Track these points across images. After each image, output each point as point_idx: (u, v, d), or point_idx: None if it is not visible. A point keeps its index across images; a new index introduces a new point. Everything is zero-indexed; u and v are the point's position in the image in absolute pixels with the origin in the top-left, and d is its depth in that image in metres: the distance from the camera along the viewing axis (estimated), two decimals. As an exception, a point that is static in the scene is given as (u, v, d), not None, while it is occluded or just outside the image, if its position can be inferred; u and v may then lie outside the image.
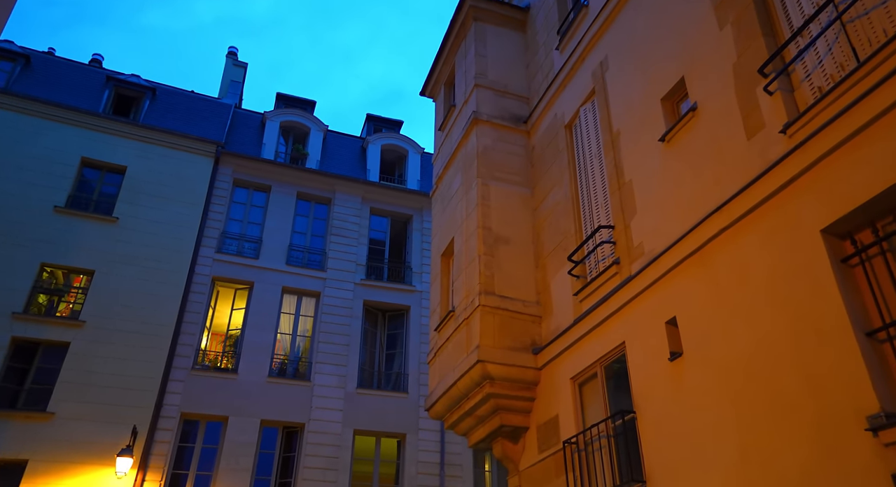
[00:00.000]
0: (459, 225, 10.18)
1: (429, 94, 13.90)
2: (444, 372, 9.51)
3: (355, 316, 19.58)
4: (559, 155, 9.40)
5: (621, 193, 7.46)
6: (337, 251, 20.64)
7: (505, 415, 8.56)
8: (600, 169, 8.20)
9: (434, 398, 9.63)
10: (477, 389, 8.58)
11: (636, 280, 6.72)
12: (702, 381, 5.58)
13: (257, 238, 20.15)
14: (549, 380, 8.28)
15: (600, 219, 7.95)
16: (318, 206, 21.90)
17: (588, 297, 7.72)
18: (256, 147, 22.39)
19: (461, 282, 9.56)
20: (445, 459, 18.32)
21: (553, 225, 9.14)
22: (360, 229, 21.52)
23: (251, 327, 18.44)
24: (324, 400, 17.80)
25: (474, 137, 10.39)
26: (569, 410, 7.64)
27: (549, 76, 10.33)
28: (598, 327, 7.35)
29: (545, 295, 8.95)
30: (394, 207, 22.47)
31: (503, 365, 8.36)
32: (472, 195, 9.86)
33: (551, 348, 8.30)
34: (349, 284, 20.08)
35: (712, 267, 5.72)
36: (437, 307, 10.55)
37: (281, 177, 21.28)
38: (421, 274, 21.20)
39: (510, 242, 9.46)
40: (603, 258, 7.65)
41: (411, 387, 18.84)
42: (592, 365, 7.40)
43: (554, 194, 9.32)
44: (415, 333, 19.86)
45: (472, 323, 8.78)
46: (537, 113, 10.44)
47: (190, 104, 22.57)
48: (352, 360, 18.75)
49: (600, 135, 8.30)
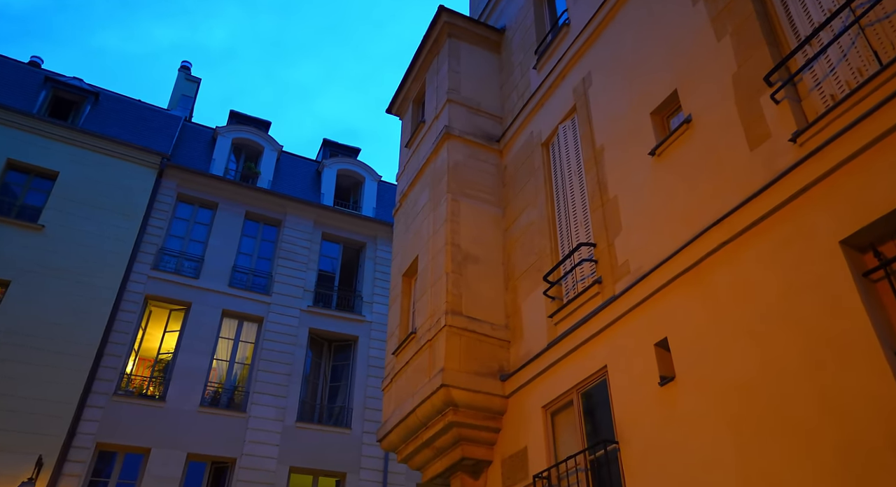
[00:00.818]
0: (425, 242, 9.66)
1: (395, 112, 13.52)
2: (401, 399, 8.81)
3: (299, 345, 18.58)
4: (534, 173, 9.08)
5: (604, 210, 7.12)
6: (284, 275, 19.72)
7: (467, 447, 7.91)
8: (580, 186, 7.88)
9: (388, 427, 8.88)
10: (438, 417, 7.92)
11: (621, 299, 6.31)
12: (697, 408, 5.14)
13: (199, 256, 19.06)
14: (518, 409, 7.71)
15: (580, 236, 7.58)
16: (267, 228, 21.01)
17: (564, 319, 7.27)
18: (205, 162, 21.46)
19: (425, 302, 8.98)
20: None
21: (526, 245, 8.73)
22: (311, 254, 20.70)
23: (185, 351, 17.19)
24: (259, 434, 16.60)
25: (445, 152, 9.99)
26: (539, 441, 7.07)
27: (524, 95, 10.11)
28: (575, 351, 6.88)
29: (515, 318, 8.46)
30: (347, 234, 21.78)
31: (468, 392, 7.75)
32: (441, 211, 9.39)
33: (521, 374, 7.76)
34: (295, 310, 19.12)
35: (710, 285, 5.35)
36: (396, 329, 9.90)
37: (229, 195, 20.36)
38: (372, 304, 20.43)
39: (479, 261, 8.99)
40: (582, 277, 7.24)
41: (355, 423, 17.83)
42: (568, 392, 6.89)
43: (528, 213, 8.94)
44: (362, 365, 18.97)
45: (436, 345, 8.17)
46: (511, 132, 10.15)
47: (136, 113, 21.54)
48: (292, 391, 17.66)
49: (581, 152, 8.01)
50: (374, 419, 18.01)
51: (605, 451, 5.94)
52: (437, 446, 8.16)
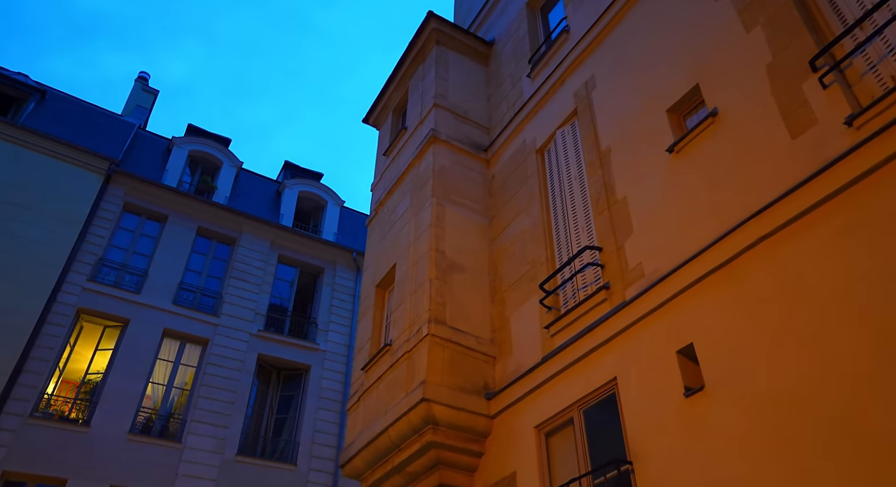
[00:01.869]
0: (404, 249, 8.99)
1: (372, 122, 13.00)
2: (370, 419, 7.95)
3: (246, 371, 17.33)
4: (527, 181, 8.61)
5: (611, 213, 6.65)
6: (235, 296, 18.57)
7: (446, 473, 7.09)
8: (581, 190, 7.42)
9: (353, 450, 7.97)
10: (414, 437, 7.10)
11: (633, 305, 5.76)
12: (732, 421, 4.56)
13: (142, 270, 17.78)
14: (505, 431, 6.98)
15: (581, 242, 7.06)
16: (220, 246, 19.90)
17: (563, 330, 6.66)
18: (157, 173, 20.35)
19: (402, 312, 8.25)
20: (331, 548, 15.95)
21: (516, 255, 8.18)
22: (265, 276, 19.64)
23: (117, 372, 15.75)
24: (194, 467, 15.15)
25: (430, 156, 9.45)
26: (531, 465, 6.34)
27: (516, 104, 9.75)
28: (576, 363, 6.25)
29: (502, 332, 7.81)
30: (305, 257, 20.84)
31: (451, 409, 6.99)
32: (425, 216, 8.78)
33: (509, 392, 7.07)
34: (244, 334, 17.92)
35: (746, 283, 4.86)
36: (367, 343, 9.09)
37: (181, 208, 19.26)
38: (327, 332, 19.39)
39: (464, 271, 8.36)
40: (585, 284, 6.68)
41: (301, 459, 16.55)
42: (567, 410, 6.22)
43: (519, 222, 8.43)
44: (313, 397, 17.79)
45: (416, 357, 7.42)
46: (500, 141, 9.74)
47: (85, 115, 20.40)
48: (235, 422, 16.33)
49: (582, 156, 7.59)
50: (323, 455, 16.78)
51: (618, 472, 5.26)
52: (411, 471, 7.31)
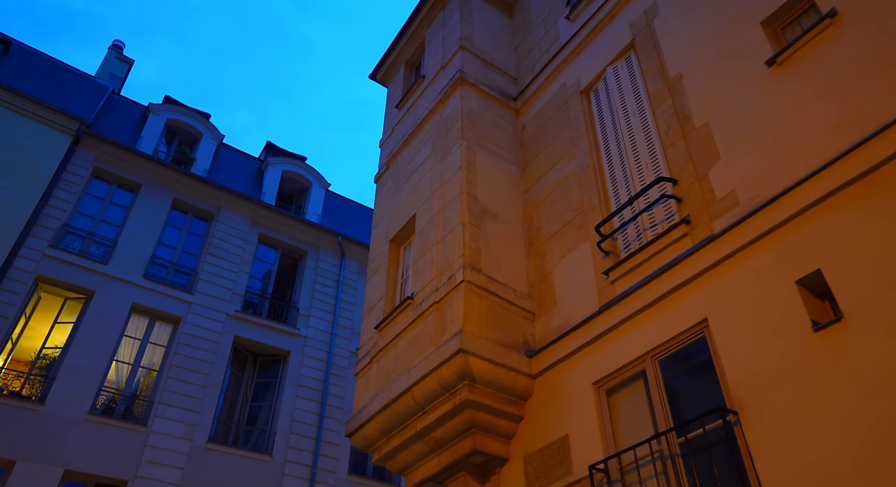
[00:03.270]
0: (427, 198, 8.12)
1: (380, 78, 12.14)
2: (388, 380, 7.02)
3: (221, 354, 16.15)
4: (570, 125, 7.84)
5: (687, 142, 5.89)
6: (211, 274, 17.40)
7: (481, 438, 6.19)
8: (643, 124, 6.67)
9: (365, 416, 7.02)
10: (445, 396, 6.20)
11: (727, 237, 4.99)
12: (882, 356, 3.79)
13: (111, 240, 16.53)
14: (551, 391, 6.12)
15: (645, 179, 6.29)
16: (197, 221, 18.73)
17: (627, 275, 5.86)
18: (132, 140, 19.12)
19: (426, 263, 7.36)
20: (307, 548, 14.83)
21: (558, 203, 7.38)
22: (244, 256, 18.52)
23: (78, 347, 14.46)
24: (160, 453, 13.92)
25: (458, 98, 8.63)
26: (590, 426, 5.49)
27: (551, 50, 9.01)
28: (648, 309, 5.45)
29: (543, 286, 6.98)
30: (288, 239, 19.76)
31: (490, 364, 6.11)
32: (453, 159, 7.94)
33: (556, 349, 6.23)
34: (220, 314, 16.76)
35: (890, 195, 4.12)
36: (379, 302, 8.16)
37: (156, 178, 18.07)
38: (308, 317, 18.31)
39: (498, 219, 7.52)
40: (654, 223, 5.90)
41: (277, 450, 15.41)
42: (636, 362, 5.40)
43: (559, 169, 7.64)
44: (291, 385, 16.67)
45: (448, 306, 6.53)
46: (533, 88, 8.97)
47: (54, 72, 19.13)
48: (207, 407, 15.14)
49: (644, 88, 6.85)
50: (301, 447, 15.66)
51: (723, 423, 4.44)
52: (437, 437, 6.39)
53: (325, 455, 15.86)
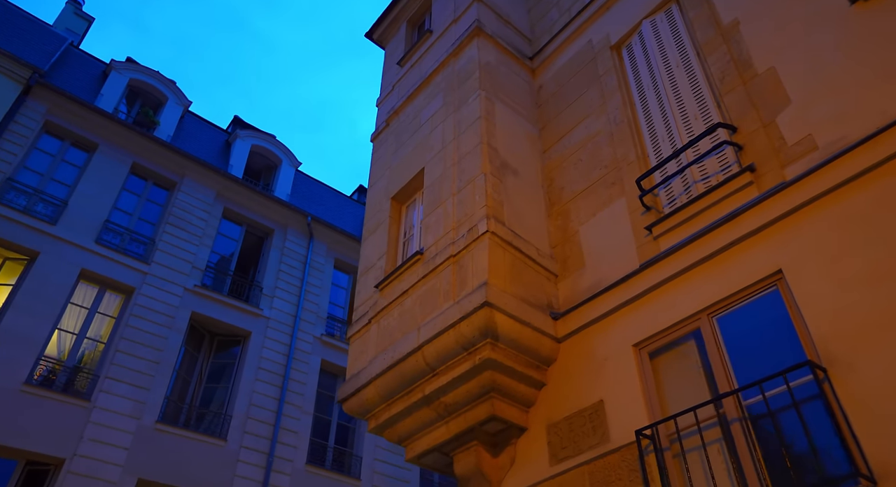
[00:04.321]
0: (438, 151, 7.54)
1: (377, 37, 11.53)
2: (390, 340, 6.37)
3: (176, 330, 15.13)
4: (598, 81, 7.40)
5: (748, 88, 5.49)
6: (171, 244, 16.37)
7: (500, 403, 5.62)
8: (689, 74, 6.27)
9: (363, 379, 6.35)
10: (463, 356, 5.61)
11: (805, 182, 4.58)
12: None
13: (60, 200, 15.36)
14: (581, 355, 5.61)
15: (694, 130, 5.86)
16: (157, 189, 17.66)
17: (675, 229, 5.40)
18: (90, 97, 17.93)
19: (439, 216, 6.77)
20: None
21: (585, 161, 6.91)
22: (207, 229, 17.52)
23: (17, 311, 13.29)
24: (104, 431, 12.85)
25: (475, 49, 8.10)
26: (631, 391, 4.99)
27: (572, 9, 8.60)
28: (701, 264, 5.01)
29: (567, 247, 6.48)
30: (254, 216, 18.84)
31: (516, 322, 5.55)
32: (469, 110, 7.39)
33: (586, 310, 5.73)
34: (177, 288, 15.74)
35: None
36: (379, 260, 7.51)
37: (115, 138, 16.94)
38: (273, 298, 17.42)
39: (518, 175, 7.00)
40: (707, 174, 5.45)
41: (232, 434, 14.47)
42: (687, 321, 4.93)
43: (585, 126, 7.19)
44: (250, 368, 15.75)
45: (468, 259, 5.94)
46: (552, 47, 8.54)
47: (7, 16, 17.78)
48: (158, 385, 14.11)
49: (692, 37, 6.47)
50: (258, 432, 14.76)
51: (814, 378, 3.97)
52: (448, 402, 5.78)
53: (283, 442, 15.00)
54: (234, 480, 13.78)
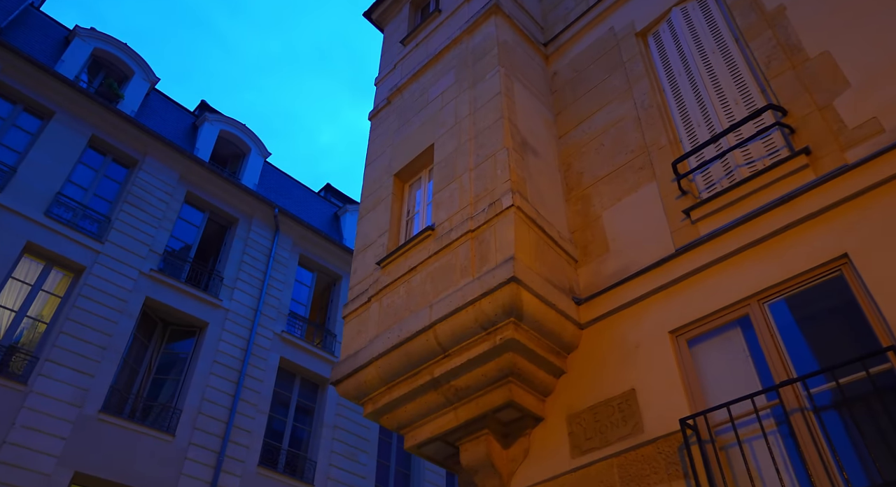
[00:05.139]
0: (450, 127, 7.17)
1: (376, 17, 11.16)
2: (395, 318, 5.91)
3: (128, 315, 14.22)
4: (622, 67, 7.20)
5: (799, 72, 5.32)
6: (127, 224, 15.47)
7: (517, 389, 5.22)
8: (726, 60, 6.09)
9: (363, 360, 5.85)
10: (481, 336, 5.19)
11: (873, 164, 4.38)
12: None
13: (9, 167, 14.34)
14: (608, 342, 5.28)
15: (735, 114, 5.66)
16: (117, 166, 16.74)
17: (718, 213, 5.15)
18: (49, 61, 16.94)
19: (453, 191, 6.38)
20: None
21: (607, 146, 6.67)
22: (168, 212, 16.65)
23: (-48, 282, 12.24)
24: (40, 418, 11.87)
25: (492, 26, 7.81)
26: (669, 379, 4.67)
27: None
28: (751, 247, 4.76)
29: (589, 232, 6.18)
30: (218, 202, 18.04)
31: (542, 302, 5.19)
32: (489, 86, 7.07)
33: (614, 295, 5.42)
34: (132, 270, 14.84)
35: None
36: (380, 237, 7.05)
37: (74, 108, 15.99)
38: (233, 290, 16.64)
39: (538, 156, 6.70)
40: (752, 159, 5.23)
41: (182, 430, 13.60)
42: (734, 307, 4.66)
43: (609, 111, 6.95)
44: (205, 360, 14.91)
45: (490, 233, 5.56)
46: (568, 35, 8.34)
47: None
48: (104, 372, 13.18)
49: (730, 23, 6.33)
50: (209, 429, 13.92)
51: (877, 370, 3.72)
52: (459, 385, 5.35)
53: (235, 442, 14.18)
54: (180, 478, 12.91)
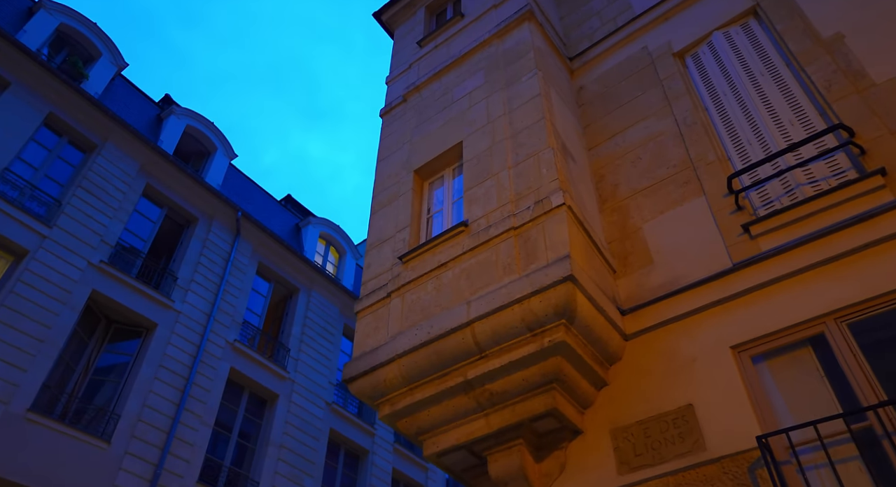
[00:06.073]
0: (482, 125, 6.94)
1: (386, 19, 10.95)
2: (423, 314, 5.50)
3: (71, 307, 13.18)
4: (657, 85, 7.18)
5: (865, 96, 5.33)
6: (80, 211, 14.49)
7: (560, 397, 4.87)
8: (777, 82, 6.11)
9: (385, 356, 5.39)
10: (526, 337, 4.86)
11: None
12: None
13: (-42, 136, 13.27)
14: (657, 354, 5.03)
15: (791, 136, 5.61)
16: (72, 149, 15.77)
17: (781, 229, 5.03)
18: (9, 29, 15.94)
19: (488, 189, 6.10)
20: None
21: (647, 159, 6.56)
22: (124, 203, 15.72)
23: None
24: (-38, 411, 10.71)
25: (526, 32, 7.70)
26: (734, 396, 4.44)
27: (618, 19, 8.52)
28: (825, 265, 4.63)
29: (628, 243, 5.99)
30: (179, 199, 17.20)
31: (594, 306, 4.91)
32: (525, 87, 6.89)
33: (665, 306, 5.21)
34: (80, 260, 13.82)
35: None
36: (399, 232, 6.66)
37: (31, 80, 15.00)
38: (187, 291, 15.73)
39: (576, 162, 6.51)
40: (814, 178, 5.16)
41: (118, 437, 12.53)
42: (807, 325, 4.49)
43: (646, 126, 6.88)
44: (151, 364, 13.91)
45: (538, 231, 5.28)
46: (596, 52, 8.34)
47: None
48: (37, 367, 12.08)
49: (780, 48, 6.37)
50: (148, 439, 12.89)
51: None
52: (495, 390, 4.97)
53: (176, 454, 13.17)
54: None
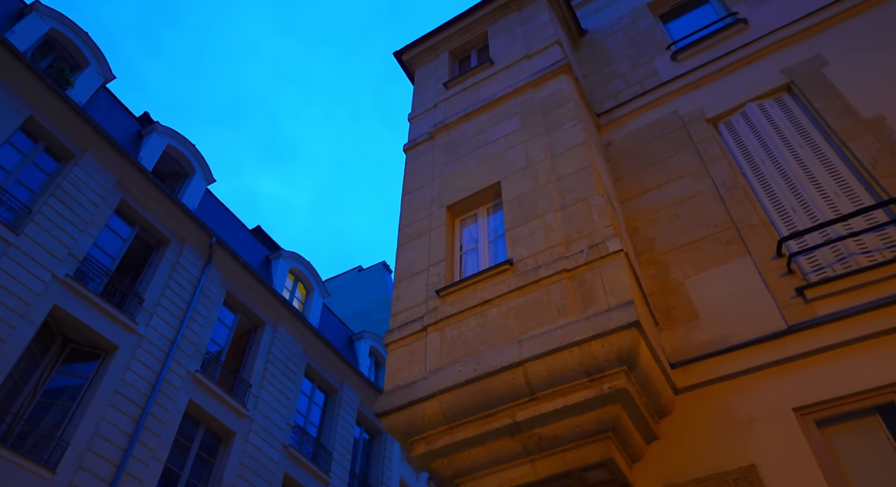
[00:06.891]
0: (521, 168, 6.96)
1: (407, 59, 11.06)
2: (467, 350, 5.30)
3: (29, 321, 12.38)
4: (690, 147, 7.38)
5: (914, 173, 5.55)
6: (50, 220, 13.82)
7: (615, 447, 4.71)
8: (817, 155, 6.34)
9: (425, 391, 5.14)
10: (584, 381, 4.72)
11: None
12: None
13: (-68, 129, 12.61)
14: (710, 411, 4.94)
15: (838, 208, 5.78)
16: (48, 157, 15.18)
17: (838, 295, 5.09)
18: None
19: (534, 230, 6.05)
20: None
21: (685, 216, 6.67)
22: (96, 217, 15.09)
23: None
24: None
25: (564, 84, 7.87)
26: (800, 459, 4.36)
27: (645, 83, 8.82)
28: (889, 334, 4.69)
29: (671, 297, 5.99)
30: (153, 219, 16.62)
31: (652, 355, 4.83)
32: (567, 136, 6.99)
33: (715, 363, 5.17)
34: (45, 273, 13.09)
35: None
36: (433, 266, 6.50)
37: (13, 80, 14.42)
38: (153, 314, 15.02)
39: (616, 211, 6.55)
40: (867, 249, 5.29)
41: (65, 466, 11.61)
42: (876, 392, 4.50)
43: (681, 185, 7.02)
44: (106, 390, 13.08)
45: (594, 275, 5.21)
46: (622, 111, 8.61)
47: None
48: (-14, 382, 11.21)
49: (817, 124, 6.65)
50: (97, 471, 11.98)
51: None
52: (546, 435, 4.78)
53: (124, 490, 12.27)
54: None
